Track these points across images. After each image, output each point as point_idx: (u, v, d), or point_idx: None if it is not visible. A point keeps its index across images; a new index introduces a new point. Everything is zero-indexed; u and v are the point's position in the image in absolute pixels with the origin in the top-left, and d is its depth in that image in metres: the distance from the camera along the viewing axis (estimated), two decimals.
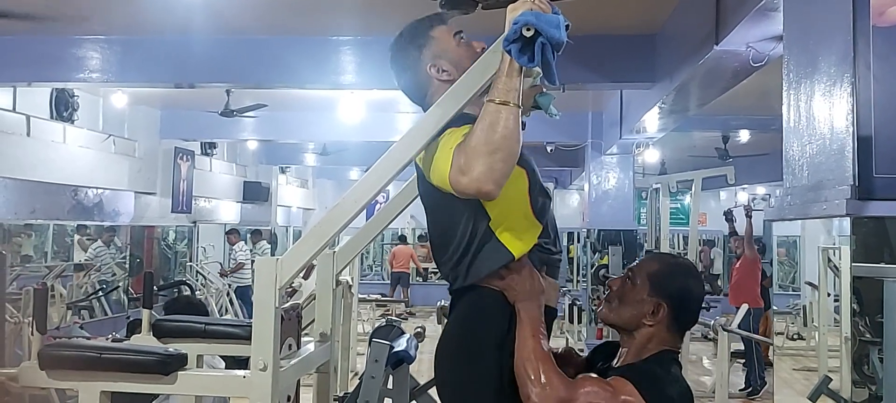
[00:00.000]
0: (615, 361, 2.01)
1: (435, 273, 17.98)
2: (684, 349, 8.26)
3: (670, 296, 1.94)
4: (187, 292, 6.71)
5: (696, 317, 2.03)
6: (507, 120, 1.70)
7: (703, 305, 2.09)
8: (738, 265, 8.94)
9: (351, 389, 3.06)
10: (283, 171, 15.58)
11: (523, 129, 1.78)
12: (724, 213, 10.00)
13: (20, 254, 8.98)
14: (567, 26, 1.73)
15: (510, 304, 1.90)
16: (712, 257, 16.16)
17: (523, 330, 1.87)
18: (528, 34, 1.68)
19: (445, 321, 2.09)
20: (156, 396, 2.87)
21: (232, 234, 12.56)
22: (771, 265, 11.95)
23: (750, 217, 8.74)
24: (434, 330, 10.18)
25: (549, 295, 1.97)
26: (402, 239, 16.03)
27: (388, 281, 17.07)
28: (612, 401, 1.79)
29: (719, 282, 13.75)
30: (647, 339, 1.94)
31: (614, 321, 2.01)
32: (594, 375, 1.89)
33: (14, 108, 7.87)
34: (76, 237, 9.78)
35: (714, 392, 7.09)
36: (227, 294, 11.59)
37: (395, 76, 2.08)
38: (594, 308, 9.53)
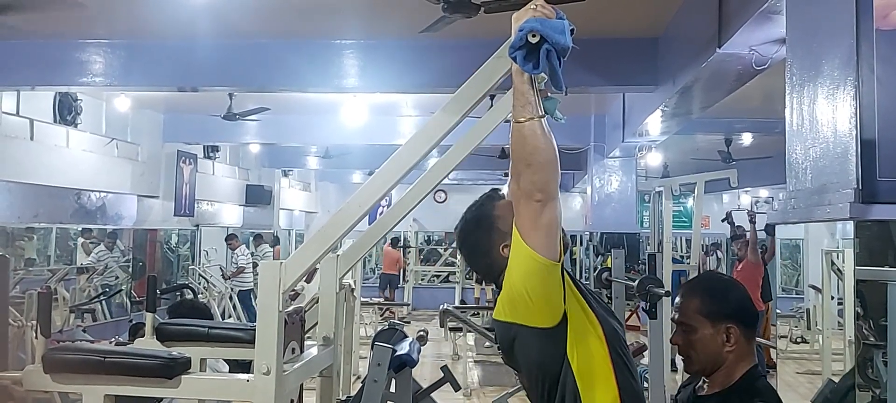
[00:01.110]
0: (700, 383, 1.99)
1: (425, 276, 18.03)
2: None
3: (732, 314, 1.93)
4: (190, 295, 6.72)
5: (757, 315, 2.04)
6: (532, 134, 1.73)
7: None
8: (740, 268, 8.92)
9: (354, 392, 3.05)
10: (285, 175, 15.59)
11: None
12: (725, 216, 10.00)
13: (23, 258, 8.99)
14: (572, 31, 1.73)
15: None
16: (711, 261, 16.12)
17: None
18: (534, 41, 1.68)
19: None
20: (159, 400, 2.87)
21: (232, 239, 12.56)
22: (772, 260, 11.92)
23: (754, 222, 8.72)
24: (436, 333, 10.22)
25: None
26: (393, 241, 16.01)
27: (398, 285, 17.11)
28: None
29: None
30: (732, 364, 1.93)
31: (705, 370, 1.97)
32: None
33: (18, 112, 7.88)
34: (80, 240, 9.79)
35: None
36: (230, 297, 11.58)
37: (466, 259, 2.06)
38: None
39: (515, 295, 1.78)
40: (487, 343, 8.62)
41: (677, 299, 2.03)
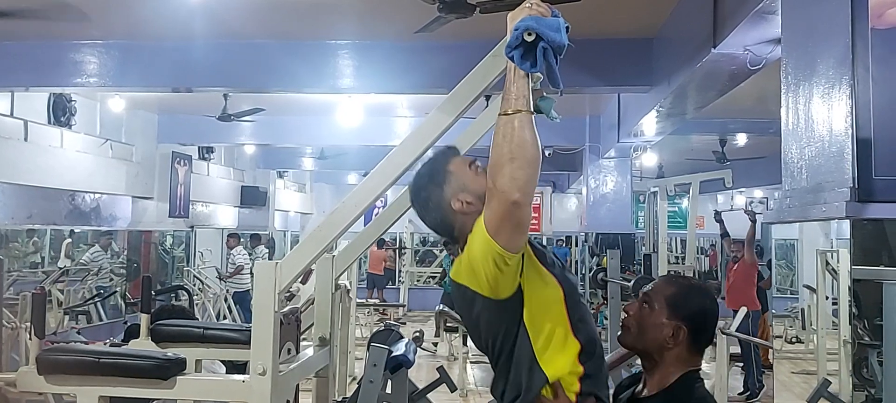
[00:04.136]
0: (639, 387, 2.01)
1: (420, 277, 18.02)
2: None
3: (689, 318, 1.95)
4: (185, 297, 6.71)
5: (713, 336, 2.04)
6: (520, 127, 1.70)
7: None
8: (736, 268, 8.93)
9: (350, 393, 3.05)
10: (280, 176, 15.56)
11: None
12: (715, 215, 10.01)
13: (19, 259, 8.96)
14: (567, 28, 1.74)
15: None
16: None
17: None
18: (530, 39, 1.68)
19: None
20: (154, 401, 2.86)
21: (231, 238, 12.57)
22: (769, 267, 11.93)
23: (753, 221, 8.73)
24: (432, 334, 10.21)
25: None
26: (379, 242, 16.03)
27: (385, 285, 17.10)
28: None
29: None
30: (669, 364, 1.95)
31: (635, 345, 2.01)
32: None
33: (12, 113, 7.86)
34: (66, 242, 9.75)
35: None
36: (225, 298, 11.57)
37: (419, 214, 2.03)
38: (592, 311, 9.54)
39: (474, 267, 1.79)
40: None
41: (656, 280, 2.07)
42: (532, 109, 1.73)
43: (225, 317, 11.19)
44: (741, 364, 8.70)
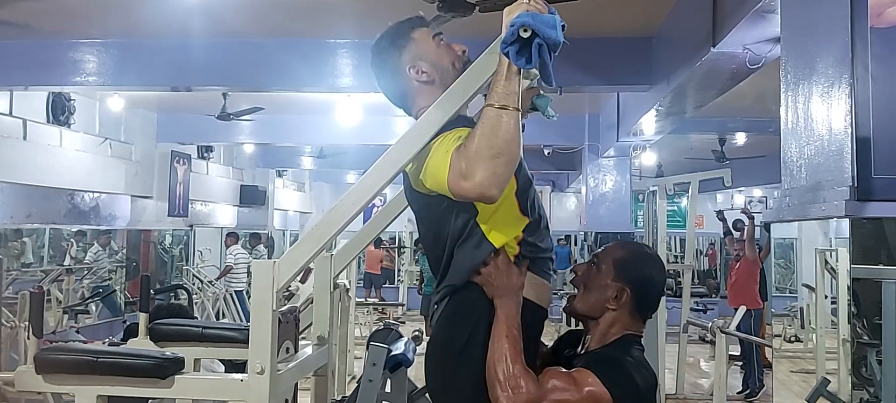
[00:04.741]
0: (580, 348, 2.02)
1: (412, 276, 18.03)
2: (682, 352, 8.27)
3: (633, 281, 1.97)
4: (184, 296, 6.71)
5: (657, 304, 2.05)
6: (508, 124, 1.70)
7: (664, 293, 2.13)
8: (737, 267, 8.93)
9: (349, 393, 3.04)
10: (279, 175, 15.55)
11: (522, 131, 1.78)
12: (717, 214, 10.00)
13: (17, 259, 8.95)
14: (563, 27, 1.73)
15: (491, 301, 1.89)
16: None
17: (498, 328, 1.84)
18: (525, 35, 1.68)
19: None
20: (153, 400, 2.85)
21: (230, 237, 12.57)
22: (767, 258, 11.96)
23: (752, 218, 8.74)
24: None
25: (537, 292, 1.95)
26: (377, 242, 16.04)
27: (383, 284, 17.11)
28: (576, 394, 1.80)
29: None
30: (609, 324, 1.97)
31: (580, 309, 2.02)
32: (559, 368, 1.89)
33: (10, 112, 7.85)
34: (69, 243, 9.74)
35: (712, 395, 7.08)
36: (224, 297, 11.56)
37: (375, 77, 2.09)
38: None
39: (422, 180, 1.86)
40: None
41: (610, 243, 2.10)
42: (520, 108, 1.73)
43: (223, 316, 11.19)
44: (741, 363, 8.71)
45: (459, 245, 1.90)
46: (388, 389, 2.50)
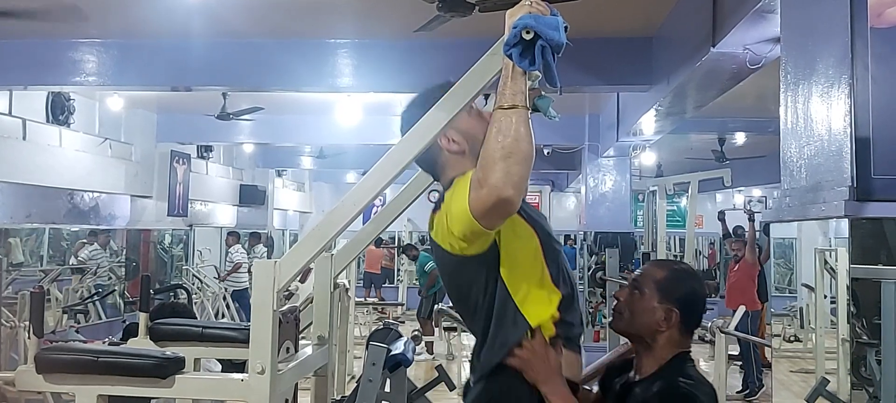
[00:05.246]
0: (633, 373, 2.02)
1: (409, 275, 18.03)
2: None
3: (679, 301, 1.97)
4: (183, 295, 6.70)
5: (702, 317, 2.07)
6: (517, 123, 1.69)
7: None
8: (736, 267, 8.94)
9: (348, 392, 3.05)
10: (279, 175, 15.54)
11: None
12: (718, 215, 10.00)
13: (17, 259, 8.95)
14: (566, 28, 1.73)
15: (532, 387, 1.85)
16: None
17: None
18: (528, 37, 1.68)
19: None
20: (153, 400, 2.86)
21: (231, 236, 12.57)
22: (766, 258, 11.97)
23: (752, 220, 8.74)
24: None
25: (571, 370, 1.94)
26: (378, 242, 16.04)
27: (382, 284, 17.11)
28: None
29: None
30: (661, 346, 1.97)
31: (628, 330, 2.03)
32: None
33: (10, 112, 7.84)
34: (71, 241, 9.75)
35: None
36: (224, 297, 11.56)
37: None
38: (591, 310, 9.55)
39: (451, 230, 1.82)
40: None
41: (645, 265, 2.12)
42: (528, 107, 1.73)
43: (223, 316, 11.19)
44: (740, 363, 8.71)
45: (496, 319, 1.87)
46: (387, 389, 2.50)
